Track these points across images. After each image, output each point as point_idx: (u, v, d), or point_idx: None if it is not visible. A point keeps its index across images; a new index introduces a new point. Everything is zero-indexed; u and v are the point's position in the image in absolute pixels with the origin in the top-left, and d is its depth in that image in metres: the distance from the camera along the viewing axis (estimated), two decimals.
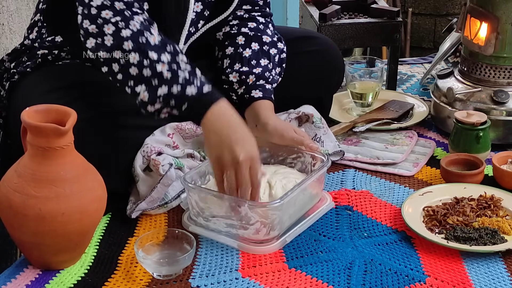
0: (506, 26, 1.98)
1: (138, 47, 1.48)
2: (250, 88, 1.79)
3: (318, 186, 1.69)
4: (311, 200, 1.69)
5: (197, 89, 1.50)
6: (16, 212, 1.42)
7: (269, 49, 1.84)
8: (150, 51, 1.48)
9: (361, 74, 2.18)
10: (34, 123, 1.40)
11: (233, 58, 1.83)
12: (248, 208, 1.53)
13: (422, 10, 3.87)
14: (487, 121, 1.89)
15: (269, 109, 1.77)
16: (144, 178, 1.68)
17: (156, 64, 1.48)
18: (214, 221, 1.59)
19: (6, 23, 2.33)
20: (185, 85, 1.49)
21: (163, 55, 1.49)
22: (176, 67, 1.49)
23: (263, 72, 1.81)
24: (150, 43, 1.49)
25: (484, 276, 1.49)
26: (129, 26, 1.49)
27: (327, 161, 1.67)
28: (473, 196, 1.72)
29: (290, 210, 1.59)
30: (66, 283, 1.48)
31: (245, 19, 1.87)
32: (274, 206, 1.53)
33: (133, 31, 1.49)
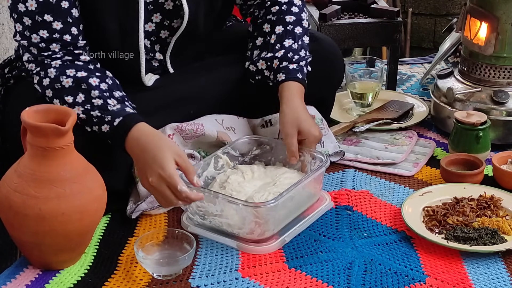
0: (506, 26, 1.97)
1: (56, 94, 1.59)
2: (276, 73, 1.78)
3: (316, 186, 1.68)
4: (309, 200, 1.69)
5: (109, 126, 1.57)
6: (16, 212, 1.42)
7: (294, 28, 1.82)
8: (65, 96, 1.59)
9: (361, 74, 2.18)
10: (34, 123, 1.40)
11: (262, 48, 1.83)
12: (242, 208, 1.53)
13: (422, 10, 3.86)
14: (487, 121, 1.89)
15: (290, 91, 1.75)
16: None
17: (73, 108, 1.58)
18: (210, 220, 1.60)
19: (6, 23, 2.33)
20: (100, 124, 1.58)
21: (77, 97, 1.58)
22: (90, 107, 1.58)
23: (286, 53, 1.79)
24: (64, 87, 1.59)
25: (484, 276, 1.49)
26: (47, 74, 1.60)
27: (325, 161, 1.67)
28: (473, 196, 1.72)
29: (285, 210, 1.59)
30: (66, 283, 1.48)
31: (269, 6, 1.86)
32: (268, 207, 1.53)
33: (50, 78, 1.60)
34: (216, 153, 1.74)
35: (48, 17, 1.59)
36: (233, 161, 1.77)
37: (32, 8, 1.58)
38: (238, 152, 1.78)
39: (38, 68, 1.61)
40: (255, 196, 1.61)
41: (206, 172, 1.72)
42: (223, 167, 1.75)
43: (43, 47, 1.61)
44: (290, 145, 1.69)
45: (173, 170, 1.50)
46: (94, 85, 1.59)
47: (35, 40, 1.60)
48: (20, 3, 1.58)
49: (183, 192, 1.49)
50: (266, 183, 1.69)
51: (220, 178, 1.70)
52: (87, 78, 1.60)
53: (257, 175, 1.72)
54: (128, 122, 1.56)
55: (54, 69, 1.60)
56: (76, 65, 1.62)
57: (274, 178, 1.70)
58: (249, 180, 1.69)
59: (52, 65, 1.60)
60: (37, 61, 1.61)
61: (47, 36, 1.60)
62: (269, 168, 1.76)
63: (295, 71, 1.78)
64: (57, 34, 1.61)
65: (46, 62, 1.61)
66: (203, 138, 1.81)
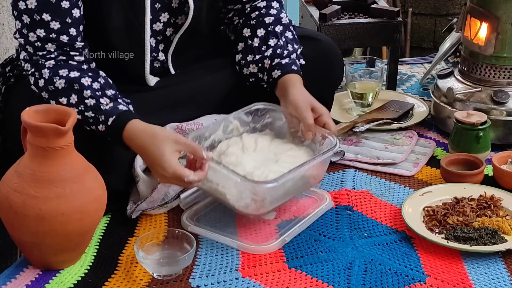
0: (506, 26, 1.97)
1: (51, 96, 1.59)
2: (270, 71, 1.78)
3: (320, 169, 1.65)
4: (310, 183, 1.67)
5: (104, 125, 1.57)
6: (16, 212, 1.42)
7: (274, 27, 1.82)
8: (60, 98, 1.59)
9: (361, 74, 2.18)
10: (34, 123, 1.40)
11: (245, 52, 1.83)
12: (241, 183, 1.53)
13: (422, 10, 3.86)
14: (487, 121, 1.89)
15: (291, 83, 1.74)
16: (145, 179, 1.68)
17: None
18: (208, 185, 1.59)
19: (6, 23, 2.33)
20: (95, 124, 1.58)
21: (71, 98, 1.58)
22: (84, 108, 1.58)
23: (275, 51, 1.79)
24: (58, 89, 1.59)
25: (484, 276, 1.49)
26: (42, 75, 1.60)
27: (334, 144, 1.63)
28: (473, 196, 1.72)
29: (284, 190, 1.58)
30: (66, 283, 1.48)
31: (248, 13, 1.86)
32: (267, 187, 1.52)
33: (45, 79, 1.60)
34: (227, 117, 1.72)
35: (47, 16, 1.59)
36: (244, 126, 1.75)
37: (32, 7, 1.58)
38: (250, 117, 1.76)
39: (33, 68, 1.61)
40: (255, 173, 1.58)
41: (214, 135, 1.69)
42: (233, 131, 1.73)
43: (39, 46, 1.60)
44: (306, 118, 1.67)
45: (174, 166, 1.50)
46: (86, 85, 1.59)
47: (32, 39, 1.59)
48: (21, 1, 1.58)
49: (192, 181, 1.51)
50: (268, 158, 1.66)
51: (221, 147, 1.68)
52: (80, 78, 1.59)
53: (260, 147, 1.69)
54: (122, 120, 1.56)
55: (48, 70, 1.59)
56: (69, 65, 1.61)
57: (278, 154, 1.67)
58: (249, 154, 1.66)
59: (46, 66, 1.60)
60: (32, 61, 1.61)
61: (44, 35, 1.59)
62: (275, 141, 1.73)
63: (289, 64, 1.78)
64: (54, 34, 1.60)
65: (40, 63, 1.60)
66: None
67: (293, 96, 1.71)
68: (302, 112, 1.67)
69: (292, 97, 1.71)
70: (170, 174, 1.50)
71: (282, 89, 1.75)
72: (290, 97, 1.71)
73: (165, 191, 1.69)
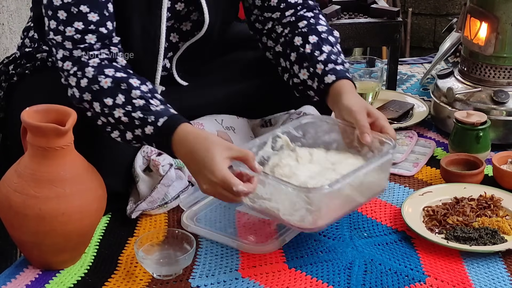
0: (506, 26, 1.98)
1: (95, 96, 1.51)
2: (322, 77, 1.69)
3: (381, 174, 1.52)
4: (371, 190, 1.53)
5: (153, 127, 1.48)
6: (16, 212, 1.42)
7: (328, 36, 1.76)
8: (105, 98, 1.50)
9: (361, 74, 2.18)
10: (34, 123, 1.40)
11: (299, 60, 1.74)
12: (293, 192, 1.40)
13: (422, 10, 3.87)
14: (487, 121, 1.89)
15: (345, 89, 1.66)
16: (144, 179, 1.68)
17: (113, 111, 1.50)
18: (260, 203, 1.48)
19: (6, 23, 2.33)
20: (143, 126, 1.49)
21: (117, 98, 1.50)
22: (131, 108, 1.49)
23: (329, 56, 1.71)
24: (103, 89, 1.51)
25: (484, 276, 1.49)
26: (85, 74, 1.52)
27: (393, 147, 1.51)
28: (473, 196, 1.72)
29: (342, 198, 1.45)
30: (66, 283, 1.48)
31: (294, 22, 1.79)
32: (322, 193, 1.39)
33: (88, 78, 1.51)
34: (275, 131, 1.61)
35: (85, 7, 1.53)
36: (294, 142, 1.63)
37: (69, 0, 1.53)
38: (301, 132, 1.65)
39: (75, 67, 1.53)
40: (309, 183, 1.46)
41: (262, 151, 1.58)
42: (282, 147, 1.61)
43: (78, 39, 1.53)
44: (361, 121, 1.56)
45: (224, 172, 1.39)
46: (135, 86, 1.51)
47: (70, 33, 1.53)
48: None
49: (241, 191, 1.39)
50: (324, 168, 1.54)
51: (273, 160, 1.57)
52: (127, 78, 1.52)
53: (316, 158, 1.58)
54: (173, 121, 1.47)
55: (92, 68, 1.52)
56: (114, 66, 1.55)
57: (335, 163, 1.56)
58: (304, 164, 1.55)
59: (89, 64, 1.52)
60: (73, 58, 1.53)
61: (83, 27, 1.53)
62: (331, 152, 1.62)
63: (343, 71, 1.70)
64: (93, 26, 1.54)
65: (83, 60, 1.53)
66: None
67: (347, 100, 1.62)
68: (357, 115, 1.58)
69: (346, 102, 1.61)
70: (219, 179, 1.38)
71: (335, 95, 1.66)
72: (344, 102, 1.62)
73: (165, 191, 1.69)
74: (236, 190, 1.38)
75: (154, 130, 1.47)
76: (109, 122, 1.51)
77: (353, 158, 1.57)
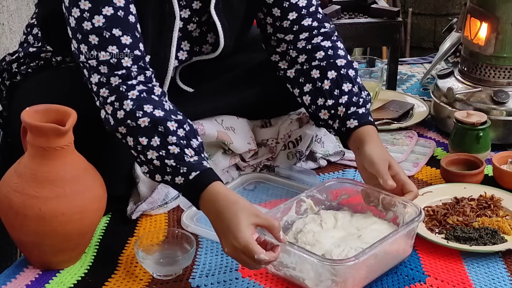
0: (506, 26, 1.97)
1: (130, 131, 1.48)
2: (344, 120, 1.69)
3: (406, 242, 1.50)
4: (396, 258, 1.51)
5: (184, 178, 1.46)
6: (16, 212, 1.42)
7: (347, 70, 1.73)
8: (140, 137, 1.47)
9: (361, 74, 2.17)
10: (34, 123, 1.40)
11: (314, 94, 1.73)
12: (318, 264, 1.39)
13: (422, 10, 3.87)
14: (487, 121, 1.89)
15: (369, 135, 1.66)
16: (145, 180, 1.68)
17: (147, 152, 1.47)
18: (284, 272, 1.46)
19: (6, 23, 2.33)
20: (174, 175, 1.47)
21: (153, 140, 1.47)
22: (165, 153, 1.47)
23: (350, 98, 1.70)
24: (140, 127, 1.47)
25: (484, 276, 1.49)
26: (123, 106, 1.48)
27: (419, 214, 1.49)
28: (473, 196, 1.72)
29: (368, 268, 1.43)
30: (66, 283, 1.48)
31: (311, 51, 1.75)
32: (347, 265, 1.37)
33: (125, 111, 1.48)
34: (299, 196, 1.59)
35: (117, 31, 1.49)
36: (318, 205, 1.61)
37: (100, 24, 1.48)
38: (325, 195, 1.62)
39: (113, 97, 1.49)
40: (334, 252, 1.44)
41: (286, 216, 1.56)
42: (307, 211, 1.59)
43: (115, 63, 1.49)
44: (382, 172, 1.55)
45: (248, 239, 1.35)
46: (171, 130, 1.47)
47: (104, 58, 1.49)
48: (86, 21, 1.49)
49: (262, 260, 1.35)
50: (349, 233, 1.52)
51: (297, 225, 1.55)
52: (165, 120, 1.48)
53: (341, 223, 1.56)
54: (205, 178, 1.44)
55: (131, 101, 1.48)
56: (153, 100, 1.50)
57: (360, 228, 1.53)
58: (328, 230, 1.53)
59: (128, 96, 1.48)
60: (112, 87, 1.49)
61: (117, 52, 1.50)
62: (357, 216, 1.59)
63: (366, 115, 1.70)
64: (127, 49, 1.50)
65: (121, 90, 1.49)
66: (204, 138, 1.80)
67: (370, 150, 1.60)
68: (379, 168, 1.56)
69: (369, 152, 1.60)
70: (241, 245, 1.35)
71: (358, 141, 1.66)
72: (367, 151, 1.60)
73: (165, 192, 1.69)
74: (257, 259, 1.35)
75: (184, 182, 1.46)
76: (140, 158, 1.49)
77: (378, 223, 1.55)
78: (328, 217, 1.57)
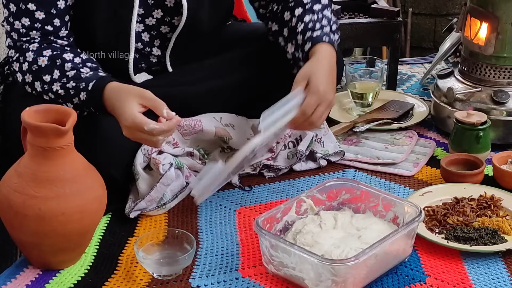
0: (506, 26, 1.97)
1: (35, 76, 1.62)
2: (302, 47, 1.71)
3: (406, 242, 1.50)
4: (396, 258, 1.51)
5: (85, 92, 1.57)
6: (16, 212, 1.42)
7: (312, 5, 1.76)
8: (43, 76, 1.61)
9: (361, 74, 2.18)
10: (34, 123, 1.40)
11: (290, 35, 1.77)
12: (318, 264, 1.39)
13: (422, 10, 3.87)
14: (487, 121, 1.89)
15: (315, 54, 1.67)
16: (144, 177, 1.68)
17: (52, 86, 1.61)
18: (284, 271, 1.46)
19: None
20: (77, 94, 1.58)
21: (54, 73, 1.61)
22: (66, 80, 1.60)
23: (306, 26, 1.72)
24: (41, 67, 1.62)
25: (484, 276, 1.49)
26: (26, 58, 1.63)
27: (419, 214, 1.49)
28: (473, 196, 1.72)
29: (368, 268, 1.43)
30: (66, 283, 1.48)
31: None
32: (347, 265, 1.38)
33: (28, 62, 1.63)
34: (299, 196, 1.59)
35: (32, 6, 1.62)
36: (319, 205, 1.61)
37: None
38: (325, 195, 1.62)
39: (17, 54, 1.64)
40: (334, 253, 1.45)
41: (286, 216, 1.56)
42: (307, 211, 1.59)
43: (23, 33, 1.64)
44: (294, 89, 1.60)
45: (133, 114, 1.49)
46: (67, 59, 1.62)
47: (17, 27, 1.63)
48: None
49: (153, 130, 1.47)
50: (349, 234, 1.53)
51: (296, 226, 1.55)
52: (61, 54, 1.62)
53: (340, 223, 1.56)
54: (101, 82, 1.56)
55: (32, 52, 1.63)
56: (53, 46, 1.65)
57: (360, 228, 1.54)
58: (327, 230, 1.54)
59: (30, 49, 1.63)
60: (16, 47, 1.65)
61: (29, 24, 1.63)
62: (357, 216, 1.59)
63: (320, 36, 1.70)
64: (38, 24, 1.63)
65: (24, 47, 1.64)
66: (202, 134, 1.80)
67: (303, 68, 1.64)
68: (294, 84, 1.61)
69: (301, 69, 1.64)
70: (129, 122, 1.48)
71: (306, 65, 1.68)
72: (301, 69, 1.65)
73: (164, 190, 1.69)
74: (147, 129, 1.47)
75: (87, 95, 1.57)
76: (51, 99, 1.61)
77: (379, 224, 1.55)
78: (327, 218, 1.57)
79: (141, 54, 1.78)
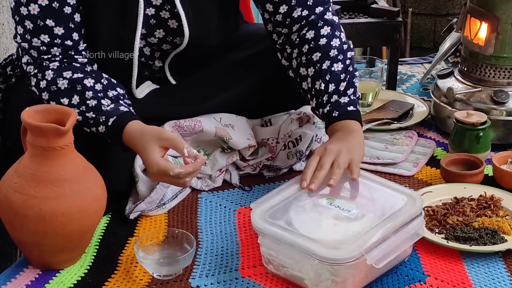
0: (506, 26, 1.98)
1: (52, 96, 1.60)
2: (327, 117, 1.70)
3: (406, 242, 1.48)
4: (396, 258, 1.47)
5: (105, 126, 1.58)
6: (16, 212, 1.42)
7: (321, 65, 1.71)
8: (61, 98, 1.60)
9: (361, 74, 2.18)
10: (34, 123, 1.40)
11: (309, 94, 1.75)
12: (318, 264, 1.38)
13: (422, 10, 3.87)
14: (487, 121, 1.89)
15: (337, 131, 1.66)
16: (144, 179, 1.68)
17: None
18: (284, 271, 1.45)
19: (6, 23, 2.33)
20: (96, 125, 1.59)
21: (73, 98, 1.60)
22: (85, 108, 1.59)
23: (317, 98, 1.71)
24: (60, 89, 1.60)
25: (484, 276, 1.49)
26: (44, 76, 1.61)
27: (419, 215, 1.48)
28: (473, 196, 1.72)
29: (368, 268, 1.41)
30: (66, 283, 1.48)
31: (298, 44, 1.75)
32: (347, 265, 1.37)
33: (47, 80, 1.61)
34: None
35: (50, 22, 1.59)
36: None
37: (35, 12, 1.58)
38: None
39: (36, 70, 1.61)
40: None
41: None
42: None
43: (44, 50, 1.61)
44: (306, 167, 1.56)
45: (157, 162, 1.50)
46: (88, 86, 1.60)
47: (36, 44, 1.60)
48: (23, 6, 1.58)
49: (180, 174, 1.49)
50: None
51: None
52: (83, 79, 1.60)
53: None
54: (121, 121, 1.57)
55: (52, 71, 1.60)
56: (73, 66, 1.62)
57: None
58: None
59: (50, 67, 1.61)
60: (36, 64, 1.62)
61: (48, 40, 1.60)
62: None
63: (330, 111, 1.69)
64: (58, 40, 1.61)
65: (44, 64, 1.61)
66: (202, 135, 1.80)
67: None
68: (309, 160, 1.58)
69: None
70: (156, 170, 1.50)
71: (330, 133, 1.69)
72: None
73: (164, 192, 1.69)
74: (173, 174, 1.49)
75: (106, 129, 1.58)
76: None
77: None
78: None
79: (143, 64, 1.77)
